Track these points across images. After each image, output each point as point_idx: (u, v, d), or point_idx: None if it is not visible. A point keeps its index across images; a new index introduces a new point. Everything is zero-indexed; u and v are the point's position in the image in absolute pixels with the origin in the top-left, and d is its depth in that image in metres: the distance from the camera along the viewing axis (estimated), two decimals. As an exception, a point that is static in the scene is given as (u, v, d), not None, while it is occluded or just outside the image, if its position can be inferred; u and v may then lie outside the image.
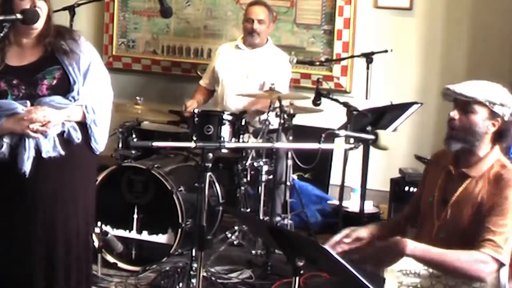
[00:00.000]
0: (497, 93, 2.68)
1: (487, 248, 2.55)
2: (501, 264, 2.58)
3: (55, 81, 3.07)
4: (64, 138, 3.06)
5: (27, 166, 2.99)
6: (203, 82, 5.34)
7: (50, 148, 3.03)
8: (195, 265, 3.62)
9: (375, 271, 2.65)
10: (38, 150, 3.01)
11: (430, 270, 2.68)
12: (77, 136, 3.08)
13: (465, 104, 2.68)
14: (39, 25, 3.07)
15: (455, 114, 2.71)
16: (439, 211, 2.76)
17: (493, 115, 2.68)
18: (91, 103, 3.10)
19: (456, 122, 2.70)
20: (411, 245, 2.60)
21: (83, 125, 3.10)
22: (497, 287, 2.62)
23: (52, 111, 3.02)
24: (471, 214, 2.66)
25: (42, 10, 3.06)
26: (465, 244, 2.60)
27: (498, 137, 2.72)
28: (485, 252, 2.55)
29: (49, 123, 3.00)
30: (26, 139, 3.00)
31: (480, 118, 2.68)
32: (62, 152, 3.04)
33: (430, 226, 2.78)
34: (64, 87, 3.07)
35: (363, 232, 2.86)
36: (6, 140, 3.02)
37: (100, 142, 3.16)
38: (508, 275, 2.71)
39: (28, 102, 3.02)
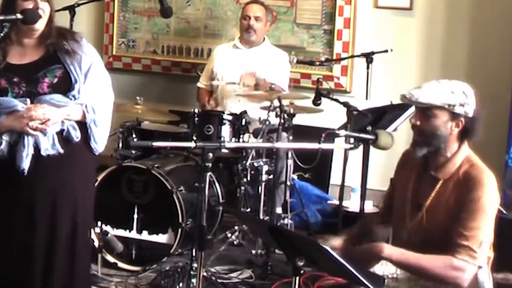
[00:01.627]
0: (455, 94, 2.61)
1: (463, 255, 2.52)
2: (478, 267, 2.56)
3: (56, 80, 3.07)
4: (63, 137, 3.06)
5: (25, 164, 2.99)
6: (202, 85, 5.33)
7: (49, 146, 3.02)
8: (195, 265, 3.61)
9: None
10: (37, 148, 3.01)
11: (407, 274, 2.66)
12: (76, 135, 3.08)
13: (424, 110, 2.64)
14: (40, 26, 3.07)
15: (416, 120, 2.67)
16: (412, 213, 2.72)
17: (454, 116, 2.62)
18: (91, 103, 3.10)
19: (418, 128, 2.66)
20: (388, 249, 2.60)
21: (82, 125, 3.10)
22: (475, 287, 2.60)
23: (52, 109, 3.01)
24: (446, 218, 2.62)
25: (44, 11, 3.06)
26: (441, 248, 2.56)
27: (464, 135, 2.66)
28: (461, 259, 2.51)
29: (49, 121, 2.99)
30: (25, 137, 3.00)
31: (441, 122, 2.62)
32: (61, 150, 3.04)
33: (402, 227, 2.74)
34: (65, 86, 3.07)
35: (337, 241, 2.84)
36: (5, 137, 3.02)
37: (100, 142, 3.15)
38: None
39: (28, 100, 3.02)
